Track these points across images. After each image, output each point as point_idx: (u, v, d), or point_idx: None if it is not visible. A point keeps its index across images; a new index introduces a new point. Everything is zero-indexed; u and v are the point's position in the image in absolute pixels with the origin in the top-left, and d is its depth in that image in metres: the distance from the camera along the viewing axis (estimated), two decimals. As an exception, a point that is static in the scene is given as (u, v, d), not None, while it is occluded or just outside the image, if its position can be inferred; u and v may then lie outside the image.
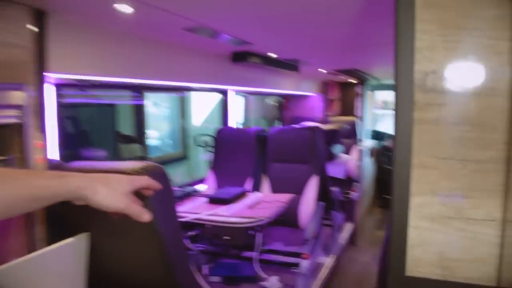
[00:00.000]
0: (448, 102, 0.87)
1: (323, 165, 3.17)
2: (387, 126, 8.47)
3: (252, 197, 2.50)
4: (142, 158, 4.23)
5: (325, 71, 4.32)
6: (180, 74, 2.53)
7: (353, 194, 4.21)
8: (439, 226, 0.90)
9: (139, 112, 4.31)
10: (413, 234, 0.91)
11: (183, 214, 2.15)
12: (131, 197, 0.81)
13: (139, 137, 4.30)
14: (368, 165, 5.31)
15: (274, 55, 2.92)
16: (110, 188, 0.77)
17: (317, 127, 3.21)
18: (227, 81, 3.10)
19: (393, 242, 0.92)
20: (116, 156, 3.70)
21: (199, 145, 5.45)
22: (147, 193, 0.88)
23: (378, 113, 8.48)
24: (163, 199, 1.26)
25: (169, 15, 1.66)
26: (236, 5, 1.58)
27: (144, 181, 0.85)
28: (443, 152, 0.88)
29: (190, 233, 2.30)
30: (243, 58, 2.69)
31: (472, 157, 0.86)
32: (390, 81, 7.21)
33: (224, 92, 3.81)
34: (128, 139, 4.10)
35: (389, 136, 6.09)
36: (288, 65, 3.36)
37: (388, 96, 8.57)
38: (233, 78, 3.16)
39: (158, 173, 1.23)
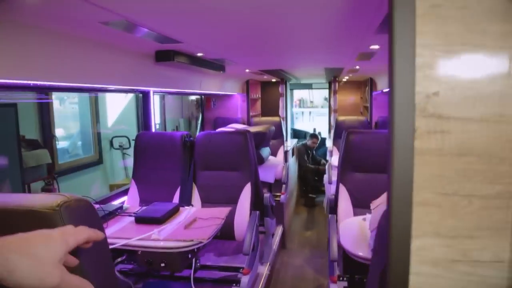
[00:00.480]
0: (452, 130, 0.75)
1: (256, 171, 3.04)
2: (304, 124, 8.72)
3: (186, 214, 2.26)
4: (50, 166, 3.72)
5: (250, 71, 4.19)
6: (96, 74, 2.16)
7: (281, 197, 4.16)
8: (442, 271, 0.78)
9: (45, 111, 3.77)
10: (414, 282, 0.78)
11: (109, 240, 1.84)
12: (62, 265, 0.58)
13: (46, 140, 3.76)
14: (292, 165, 5.33)
15: (201, 54, 2.69)
16: (33, 259, 0.53)
17: (247, 131, 3.06)
18: (149, 82, 2.80)
19: (392, 293, 0.78)
20: (18, 165, 3.17)
21: (117, 148, 5.02)
22: (84, 246, 0.68)
23: (295, 111, 8.68)
24: (95, 247, 0.99)
25: (83, 5, 1.36)
26: None
27: (83, 235, 0.64)
28: (447, 187, 0.76)
29: (119, 259, 1.99)
30: (168, 58, 2.42)
31: (478, 192, 0.75)
32: (308, 81, 7.38)
33: (145, 94, 3.48)
34: (33, 145, 3.56)
35: (311, 135, 6.19)
36: (215, 65, 3.15)
37: (304, 94, 8.82)
38: (156, 79, 2.86)
39: (84, 210, 0.95)
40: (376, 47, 2.44)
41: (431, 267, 0.78)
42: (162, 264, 1.93)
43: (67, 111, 4.72)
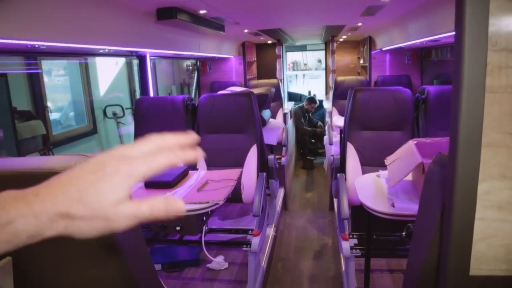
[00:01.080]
0: (525, 64, 0.69)
1: (260, 133, 2.98)
2: (299, 87, 8.62)
3: (196, 177, 2.22)
4: (45, 137, 3.62)
5: (249, 31, 4.05)
6: (90, 34, 2.00)
7: (282, 159, 4.13)
8: (507, 215, 0.75)
9: (35, 82, 3.63)
10: (478, 228, 0.75)
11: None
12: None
13: (39, 112, 3.64)
14: (291, 128, 5.29)
15: (203, 12, 2.56)
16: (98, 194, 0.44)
17: (251, 92, 2.98)
18: (148, 43, 2.67)
19: (455, 239, 0.75)
20: (13, 137, 3.07)
21: (110, 117, 4.90)
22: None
23: (289, 74, 8.55)
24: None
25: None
26: None
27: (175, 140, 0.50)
28: (516, 127, 0.71)
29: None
30: (171, 15, 2.29)
31: (549, 131, 0.70)
32: (302, 42, 7.22)
33: (141, 57, 3.35)
34: (26, 116, 3.44)
35: (308, 98, 6.12)
36: (215, 25, 3.02)
37: (297, 57, 8.67)
38: (155, 40, 2.73)
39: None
40: (387, -2, 2.35)
41: (495, 211, 0.74)
42: (178, 228, 1.91)
43: (56, 83, 4.56)
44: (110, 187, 0.44)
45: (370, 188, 1.96)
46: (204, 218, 2.02)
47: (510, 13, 0.68)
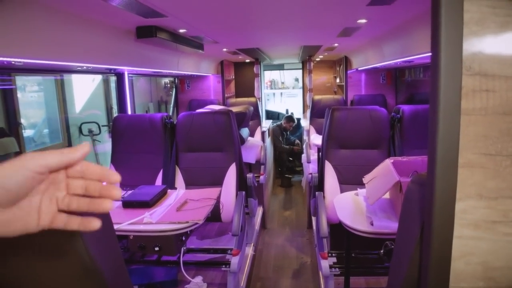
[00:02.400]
0: (497, 88, 0.73)
1: (239, 152, 2.98)
2: (276, 105, 8.70)
3: (175, 196, 2.19)
4: (18, 154, 3.50)
5: (227, 50, 4.09)
6: (68, 51, 1.98)
7: (261, 178, 4.14)
8: (483, 233, 0.77)
9: (9, 98, 3.54)
10: (456, 246, 0.77)
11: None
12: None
13: (12, 129, 3.54)
14: (269, 146, 5.31)
15: (183, 31, 2.58)
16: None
17: (230, 110, 2.99)
18: (127, 61, 2.65)
19: (435, 257, 0.77)
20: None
21: (86, 135, 4.81)
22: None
23: (267, 92, 8.64)
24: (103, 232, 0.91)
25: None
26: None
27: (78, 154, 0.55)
28: (490, 148, 0.74)
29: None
30: (150, 33, 2.30)
31: (521, 152, 0.73)
32: (280, 61, 7.34)
33: (119, 75, 3.32)
34: (-2, 132, 3.34)
35: (287, 117, 6.17)
36: (195, 44, 3.04)
37: (275, 75, 8.78)
38: (134, 57, 2.72)
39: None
40: (363, 21, 2.42)
41: (472, 230, 0.76)
42: (156, 248, 1.87)
43: (30, 99, 4.47)
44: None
45: (349, 206, 1.98)
46: (184, 238, 1.99)
47: (482, 39, 0.72)
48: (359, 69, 4.90)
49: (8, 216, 0.51)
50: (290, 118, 6.05)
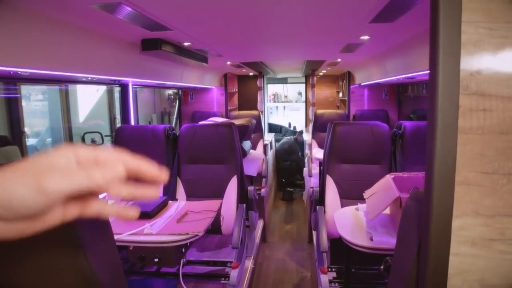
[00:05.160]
0: (494, 108, 0.74)
1: (241, 164, 2.99)
2: (279, 118, 8.74)
3: (176, 207, 2.20)
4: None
5: (231, 63, 4.14)
6: (74, 62, 2.01)
7: (262, 191, 4.14)
8: (480, 251, 0.77)
9: (13, 107, 3.57)
10: (453, 263, 0.78)
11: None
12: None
13: (16, 137, 3.57)
14: (270, 159, 5.32)
15: (187, 44, 2.61)
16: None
17: (232, 123, 3.01)
18: (132, 72, 2.69)
19: (431, 273, 0.77)
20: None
21: (89, 145, 4.84)
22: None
23: (269, 106, 8.68)
24: (99, 232, 0.93)
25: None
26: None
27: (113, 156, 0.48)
28: (487, 166, 0.76)
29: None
30: (155, 46, 2.33)
31: (518, 171, 0.74)
32: (284, 75, 7.39)
33: (123, 86, 3.36)
34: (2, 141, 3.36)
35: (300, 131, 6.22)
36: (199, 57, 3.08)
37: (278, 89, 8.84)
38: (138, 69, 2.76)
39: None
40: (366, 37, 2.45)
41: (469, 247, 0.77)
42: (156, 259, 1.87)
43: (34, 108, 4.52)
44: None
45: (349, 221, 1.98)
46: (183, 250, 1.99)
47: (479, 60, 0.73)
48: (362, 84, 4.93)
49: (25, 224, 0.43)
50: (301, 132, 6.17)
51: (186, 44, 2.58)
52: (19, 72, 1.79)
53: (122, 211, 0.48)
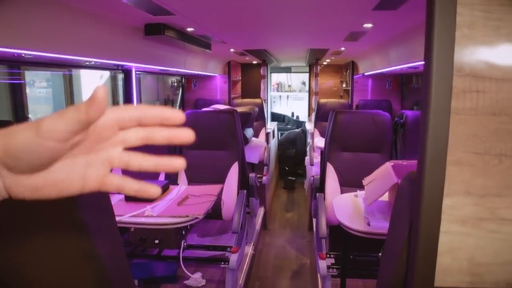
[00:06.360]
0: (487, 89, 0.75)
1: (242, 151, 3.02)
2: (282, 108, 8.73)
3: (177, 191, 2.23)
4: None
5: (235, 51, 4.13)
6: (77, 45, 2.03)
7: (263, 178, 4.16)
8: (470, 229, 0.79)
9: (17, 93, 3.60)
10: (442, 241, 0.80)
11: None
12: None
13: (20, 122, 3.60)
14: (273, 147, 5.34)
15: (191, 30, 2.62)
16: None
17: (234, 110, 3.02)
18: (135, 58, 2.70)
19: (421, 251, 0.79)
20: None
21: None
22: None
23: (273, 95, 8.67)
24: (99, 206, 0.95)
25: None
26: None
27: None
28: (479, 147, 0.77)
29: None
30: (158, 31, 2.34)
31: (509, 152, 0.76)
32: (287, 64, 7.37)
33: (127, 72, 3.37)
34: (6, 126, 3.39)
35: (295, 121, 6.21)
36: (202, 43, 3.08)
37: (282, 78, 8.81)
38: (142, 55, 2.77)
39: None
40: (369, 25, 2.45)
41: (459, 225, 0.79)
42: (156, 241, 1.91)
43: (38, 95, 4.54)
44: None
45: (348, 207, 2.00)
46: (183, 232, 2.02)
47: (474, 42, 0.74)
48: (365, 74, 4.92)
49: (36, 181, 0.41)
50: (295, 121, 6.16)
51: (189, 29, 2.58)
52: (23, 55, 1.81)
53: (143, 188, 0.46)
